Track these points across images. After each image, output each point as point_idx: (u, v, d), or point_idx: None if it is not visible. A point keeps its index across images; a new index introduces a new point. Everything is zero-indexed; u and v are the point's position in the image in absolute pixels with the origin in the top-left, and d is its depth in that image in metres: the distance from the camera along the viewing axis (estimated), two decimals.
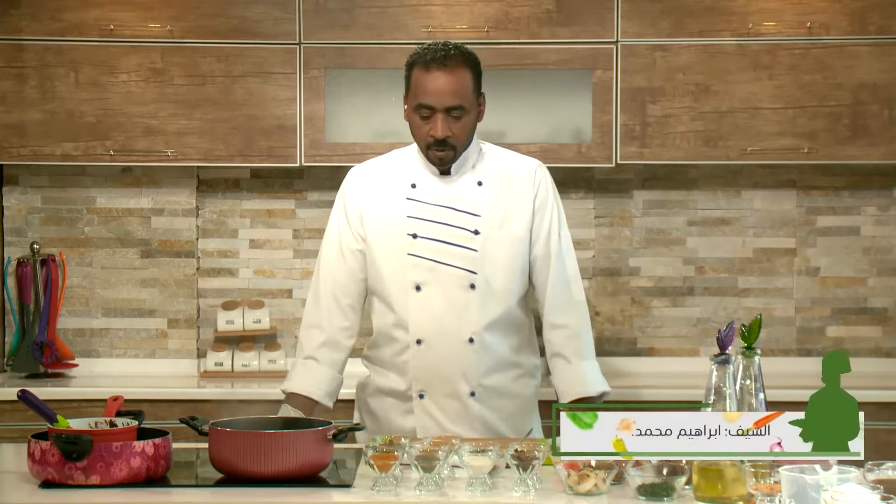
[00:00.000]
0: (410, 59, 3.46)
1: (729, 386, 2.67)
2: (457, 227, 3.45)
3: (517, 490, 2.74)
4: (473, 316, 3.43)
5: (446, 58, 3.39)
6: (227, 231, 4.92)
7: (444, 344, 3.43)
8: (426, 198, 3.48)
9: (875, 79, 4.55)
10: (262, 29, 4.57)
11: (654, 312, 4.93)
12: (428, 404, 3.46)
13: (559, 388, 3.52)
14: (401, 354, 3.47)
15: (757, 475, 2.55)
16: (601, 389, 3.51)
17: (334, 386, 3.52)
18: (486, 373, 3.46)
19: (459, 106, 3.40)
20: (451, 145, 3.42)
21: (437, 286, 3.43)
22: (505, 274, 3.47)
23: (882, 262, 4.92)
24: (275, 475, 2.79)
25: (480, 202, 3.48)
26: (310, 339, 3.51)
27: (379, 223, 3.49)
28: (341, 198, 3.56)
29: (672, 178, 4.91)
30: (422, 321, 3.44)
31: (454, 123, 3.41)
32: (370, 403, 3.55)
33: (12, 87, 4.57)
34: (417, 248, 3.44)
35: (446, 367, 3.44)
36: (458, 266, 3.43)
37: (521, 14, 4.57)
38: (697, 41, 4.56)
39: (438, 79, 3.38)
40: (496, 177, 3.52)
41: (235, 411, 4.19)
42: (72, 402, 4.27)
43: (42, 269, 4.80)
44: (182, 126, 4.58)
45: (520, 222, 3.50)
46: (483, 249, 3.44)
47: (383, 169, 3.57)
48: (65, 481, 2.78)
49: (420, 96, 3.39)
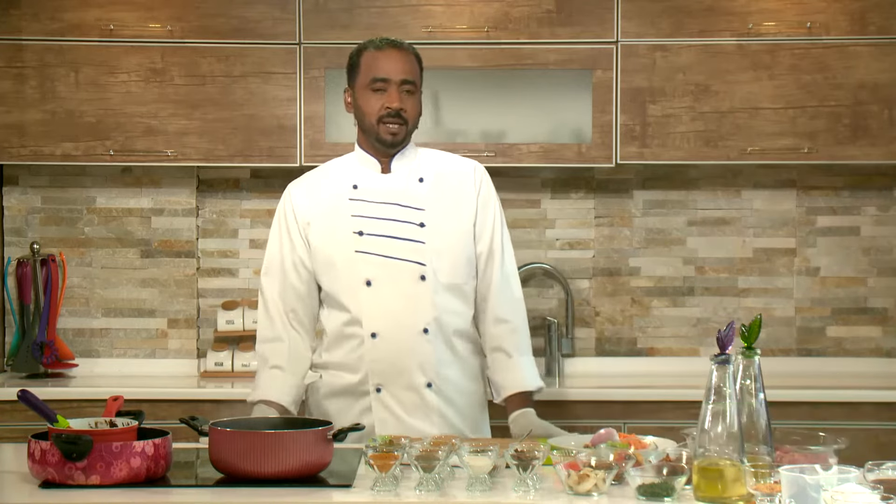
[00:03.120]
0: (358, 48, 3.54)
1: (729, 386, 2.66)
2: (402, 221, 3.49)
3: (517, 490, 2.74)
4: (426, 307, 3.46)
5: (396, 41, 3.53)
6: (227, 231, 4.92)
7: (398, 336, 3.46)
8: (369, 196, 3.52)
9: (875, 79, 4.55)
10: (262, 29, 4.57)
11: (654, 312, 4.93)
12: (385, 398, 3.47)
13: (498, 383, 3.55)
14: (355, 350, 3.49)
15: (757, 475, 2.55)
16: (539, 384, 3.55)
17: (299, 394, 3.55)
18: (440, 364, 3.48)
19: (412, 80, 3.49)
20: (404, 119, 3.48)
21: (388, 280, 3.46)
22: (453, 265, 3.51)
23: (882, 262, 4.92)
24: (275, 475, 2.79)
25: (423, 196, 3.52)
26: (273, 352, 3.53)
27: (324, 227, 3.52)
28: (281, 215, 3.58)
29: (672, 178, 4.91)
30: (375, 315, 3.46)
31: (407, 99, 3.48)
32: (324, 405, 3.55)
33: (12, 87, 4.57)
34: (365, 245, 3.47)
35: (402, 359, 3.46)
36: (407, 259, 3.47)
37: (521, 14, 4.57)
38: (697, 41, 4.56)
39: (392, 55, 3.48)
40: (436, 174, 3.57)
41: (235, 411, 4.19)
42: (72, 402, 4.27)
43: (42, 269, 4.81)
44: (182, 126, 4.58)
45: (464, 216, 3.55)
46: (430, 241, 3.48)
47: (321, 178, 3.61)
48: (65, 481, 2.77)
49: (374, 71, 3.47)
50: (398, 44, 3.52)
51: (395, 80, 3.46)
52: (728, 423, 2.64)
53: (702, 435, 2.65)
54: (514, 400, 3.51)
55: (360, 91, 3.50)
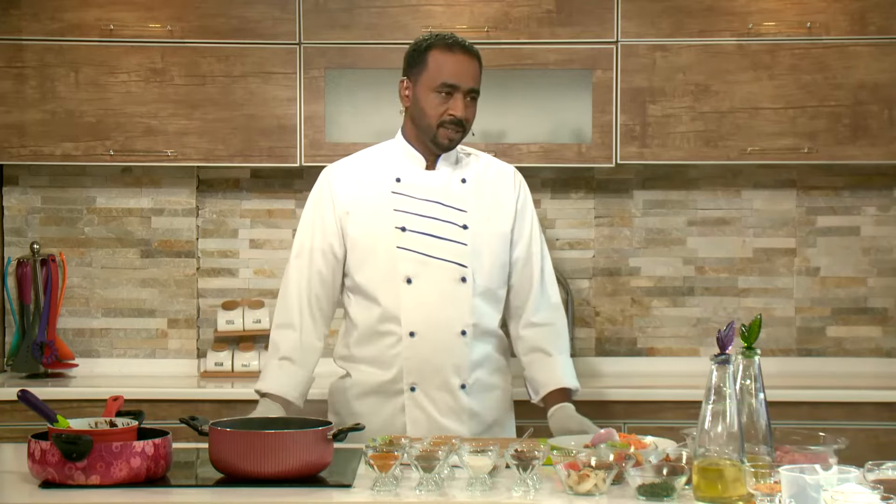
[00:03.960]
0: (425, 42, 3.48)
1: (729, 386, 2.66)
2: (445, 221, 3.48)
3: (517, 490, 2.74)
4: (465, 309, 3.46)
5: (466, 43, 3.49)
6: (227, 231, 4.92)
7: (436, 336, 3.45)
8: (412, 192, 3.50)
9: (875, 79, 4.55)
10: (262, 29, 4.57)
11: (654, 312, 4.93)
12: (419, 397, 3.46)
13: (537, 380, 3.55)
14: (391, 348, 3.47)
15: (757, 475, 2.55)
16: (577, 385, 3.56)
17: (307, 387, 3.53)
18: (475, 366, 3.49)
19: (477, 90, 3.48)
20: (465, 127, 3.47)
21: (428, 279, 3.44)
22: (492, 269, 3.51)
23: (882, 262, 4.92)
24: (275, 475, 2.79)
25: (466, 198, 3.51)
26: (284, 340, 3.51)
27: (365, 219, 3.49)
28: (318, 198, 3.55)
29: (672, 178, 4.91)
30: (414, 314, 3.44)
31: (470, 106, 3.47)
32: (354, 405, 3.53)
33: (12, 87, 4.57)
34: (407, 242, 3.45)
35: (438, 359, 3.45)
36: (449, 259, 3.46)
37: (521, 14, 4.57)
38: (697, 41, 4.56)
39: (463, 61, 3.45)
40: (478, 175, 3.57)
41: (235, 411, 4.19)
42: (72, 402, 4.27)
43: (42, 269, 4.81)
44: (182, 126, 4.58)
45: (504, 220, 3.55)
46: (471, 244, 3.47)
47: (362, 164, 3.58)
48: (65, 481, 2.77)
49: (443, 75, 3.43)
50: (468, 48, 3.48)
51: (464, 88, 3.44)
52: (728, 423, 2.64)
53: (702, 435, 2.65)
54: (552, 396, 3.51)
55: (424, 90, 3.46)
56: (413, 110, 3.49)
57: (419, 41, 3.51)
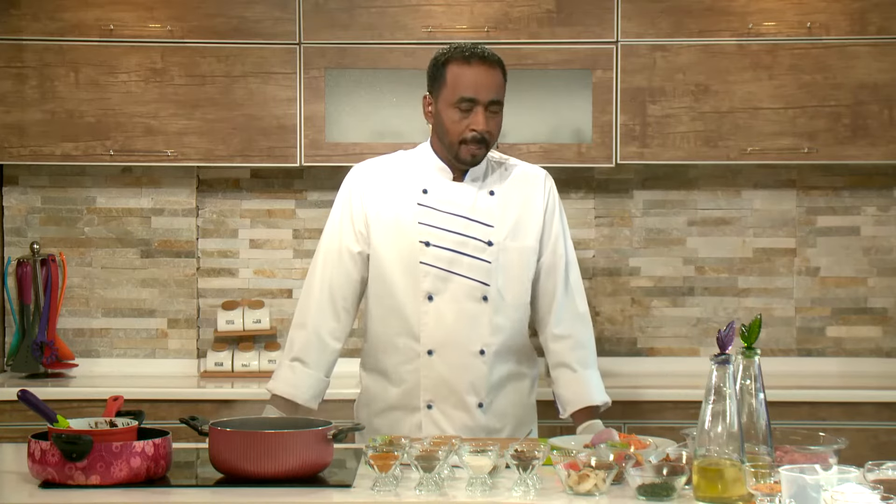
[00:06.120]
0: (444, 56, 3.39)
1: (729, 386, 2.66)
2: (470, 237, 3.40)
3: (517, 490, 2.74)
4: (485, 328, 3.40)
5: (485, 54, 3.37)
6: (227, 231, 4.92)
7: (454, 354, 3.39)
8: (438, 204, 3.41)
9: (875, 79, 4.55)
10: (262, 29, 4.57)
11: (654, 312, 4.93)
12: (436, 415, 3.41)
13: (563, 398, 3.48)
14: (407, 364, 3.42)
15: (757, 475, 2.55)
16: (605, 399, 3.49)
17: (320, 388, 3.46)
18: (494, 385, 3.43)
19: (499, 101, 3.37)
20: (487, 142, 3.38)
21: (450, 297, 3.38)
22: (516, 286, 3.44)
23: (882, 262, 4.92)
24: (275, 475, 2.79)
25: (493, 212, 3.43)
26: (298, 339, 3.45)
27: (387, 227, 3.42)
28: (346, 199, 3.48)
29: (672, 178, 4.91)
30: (434, 332, 3.38)
31: (492, 119, 3.37)
32: (375, 422, 3.48)
33: (12, 87, 4.57)
34: (430, 257, 3.38)
35: (456, 378, 3.39)
36: (471, 277, 3.38)
37: (521, 14, 4.57)
38: (697, 41, 4.56)
39: (481, 72, 3.34)
40: (507, 186, 3.48)
41: (235, 411, 4.18)
42: (72, 402, 4.27)
43: (42, 269, 4.81)
44: (182, 126, 4.58)
45: (531, 233, 3.46)
46: (496, 261, 3.40)
47: (391, 169, 3.49)
48: (65, 481, 2.77)
49: (462, 89, 3.34)
50: (487, 57, 3.37)
51: (483, 102, 3.33)
52: (728, 423, 2.64)
53: (702, 435, 2.65)
54: (580, 414, 3.45)
55: (444, 106, 3.36)
56: (436, 126, 3.41)
57: (438, 55, 3.42)
